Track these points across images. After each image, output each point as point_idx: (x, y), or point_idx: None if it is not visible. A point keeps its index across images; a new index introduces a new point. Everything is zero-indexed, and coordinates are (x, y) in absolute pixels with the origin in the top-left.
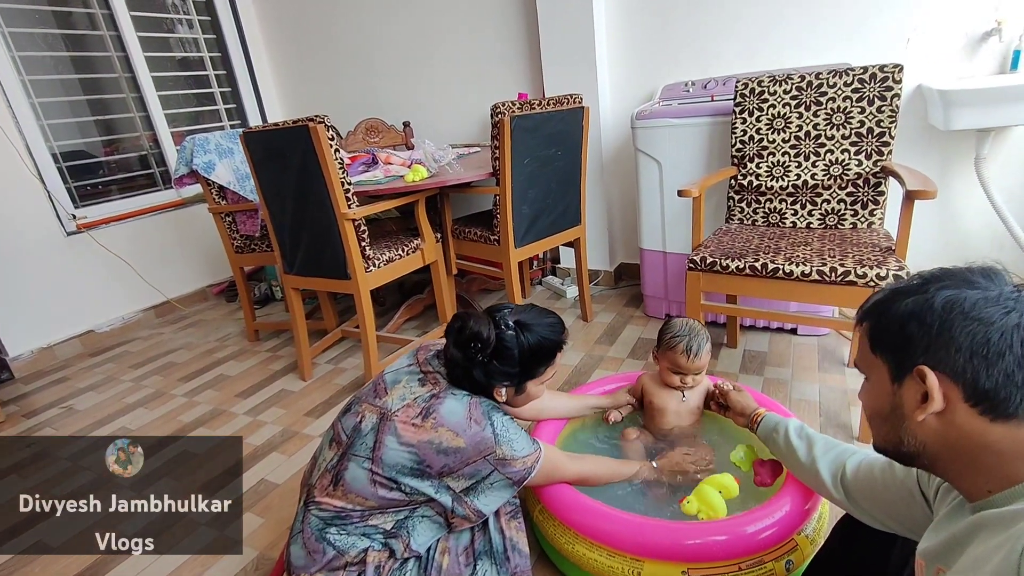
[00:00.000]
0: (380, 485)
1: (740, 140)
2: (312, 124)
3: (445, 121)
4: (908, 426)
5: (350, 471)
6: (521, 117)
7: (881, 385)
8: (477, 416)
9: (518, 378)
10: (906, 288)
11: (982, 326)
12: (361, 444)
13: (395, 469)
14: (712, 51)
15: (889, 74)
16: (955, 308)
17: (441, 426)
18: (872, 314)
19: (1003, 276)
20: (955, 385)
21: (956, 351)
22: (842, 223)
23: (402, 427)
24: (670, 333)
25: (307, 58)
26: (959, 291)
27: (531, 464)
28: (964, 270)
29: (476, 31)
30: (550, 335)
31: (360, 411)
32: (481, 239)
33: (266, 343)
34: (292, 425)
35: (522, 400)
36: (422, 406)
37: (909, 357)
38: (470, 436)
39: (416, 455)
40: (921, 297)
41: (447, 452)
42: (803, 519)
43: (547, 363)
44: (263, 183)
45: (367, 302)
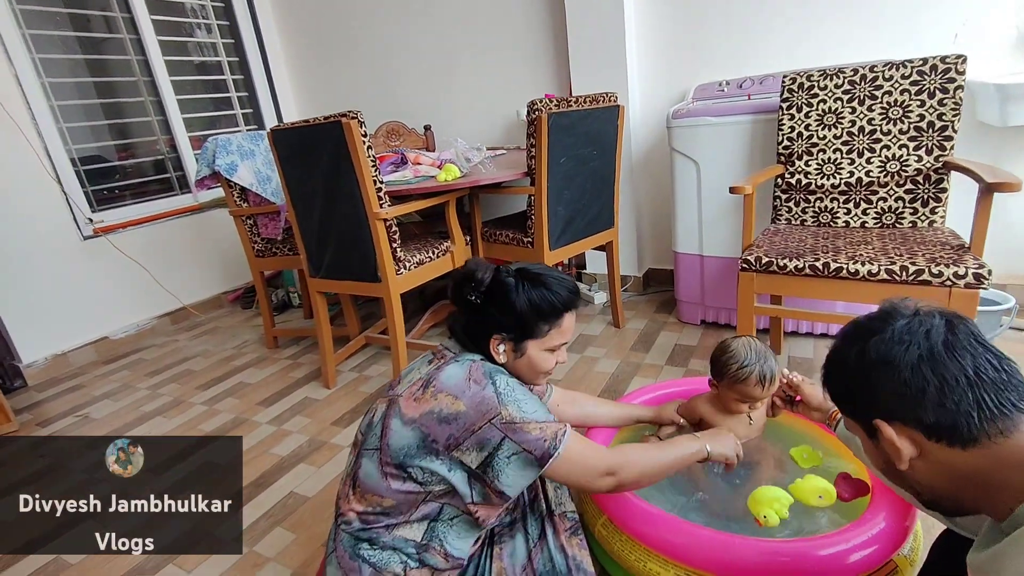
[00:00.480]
0: (391, 477)
1: (787, 137)
2: (345, 120)
3: (468, 124)
4: (907, 476)
5: (363, 468)
6: (559, 115)
7: (867, 444)
8: (477, 376)
9: (515, 332)
10: (835, 348)
11: (892, 369)
12: (372, 437)
13: (402, 453)
14: (748, 50)
15: (952, 65)
16: (866, 360)
17: (440, 392)
18: (823, 382)
19: (899, 310)
20: (910, 428)
21: (887, 398)
22: (900, 222)
23: (405, 405)
24: (737, 363)
25: (325, 62)
26: (864, 342)
27: (552, 435)
28: (865, 318)
29: (499, 32)
30: (554, 287)
31: (375, 407)
32: (514, 241)
33: (285, 350)
34: (319, 435)
35: (525, 367)
36: (424, 379)
37: (862, 414)
38: (469, 397)
39: (419, 431)
40: (843, 355)
41: (448, 420)
42: (903, 537)
43: (549, 321)
44: (290, 183)
45: (398, 306)
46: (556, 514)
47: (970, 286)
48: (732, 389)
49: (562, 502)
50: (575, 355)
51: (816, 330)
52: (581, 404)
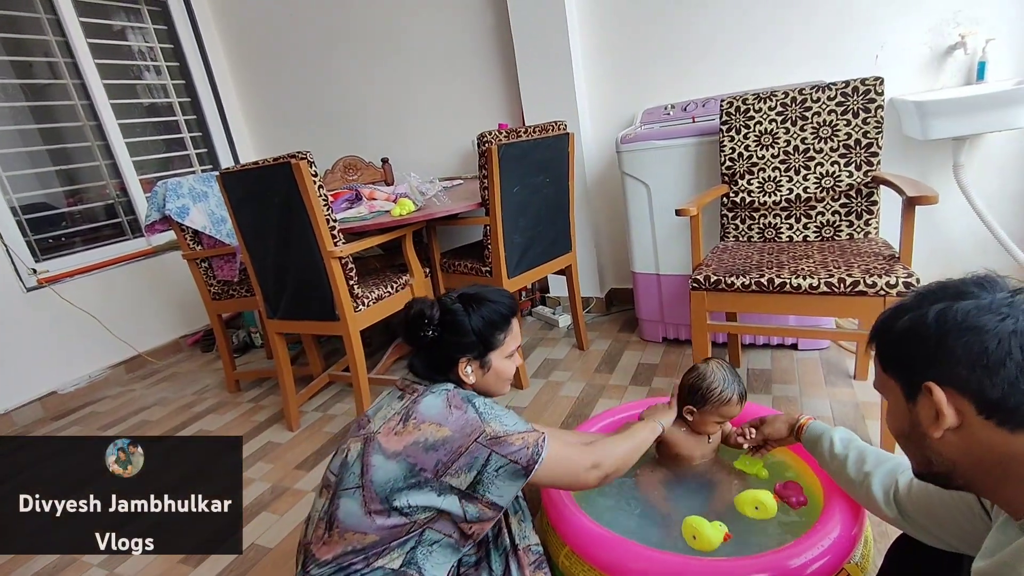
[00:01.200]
0: (376, 513)
1: (729, 158)
2: (295, 161)
3: (424, 155)
4: (931, 444)
5: (342, 508)
6: (508, 145)
7: (897, 405)
8: (457, 402)
9: (478, 349)
10: (904, 305)
11: (977, 335)
12: (349, 476)
13: (388, 488)
14: (689, 74)
15: (871, 86)
16: (948, 320)
17: (423, 423)
18: (876, 335)
19: (998, 283)
20: (964, 399)
21: (956, 363)
22: (838, 234)
23: (385, 441)
24: (718, 387)
25: (280, 99)
26: (951, 303)
27: (534, 442)
28: (958, 282)
29: (451, 65)
30: (496, 298)
31: (346, 447)
32: (472, 271)
33: (248, 393)
34: (282, 480)
35: (493, 380)
36: (401, 415)
37: (916, 374)
38: (453, 421)
39: (406, 462)
40: (916, 313)
41: (435, 447)
42: (853, 545)
43: (502, 329)
44: (242, 225)
45: (357, 343)
46: (520, 548)
47: (901, 295)
48: (715, 412)
49: (526, 535)
50: (540, 380)
51: (772, 341)
52: None
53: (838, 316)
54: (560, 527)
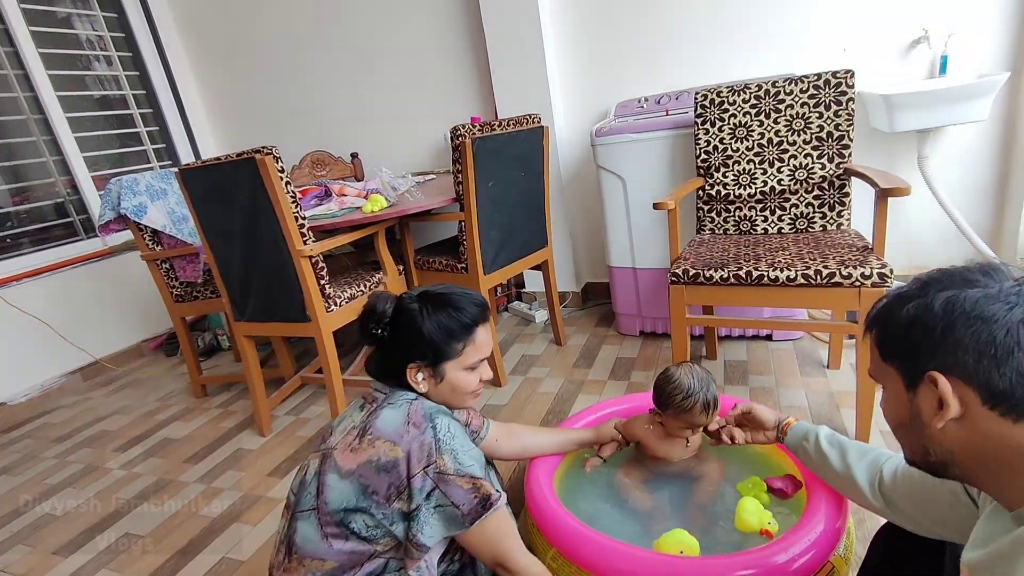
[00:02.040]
0: (332, 537)
1: (704, 151)
2: (260, 156)
3: (395, 149)
4: (930, 434)
5: (300, 532)
6: (483, 139)
7: (897, 394)
8: (417, 419)
9: (429, 356)
10: (907, 293)
11: (985, 324)
12: (306, 497)
13: (342, 510)
14: (662, 67)
15: (842, 79)
16: (956, 308)
17: (378, 439)
18: (877, 322)
19: (1003, 271)
20: (969, 388)
21: (963, 353)
22: (812, 226)
23: (341, 458)
24: (681, 392)
25: (243, 92)
26: (959, 291)
27: (485, 496)
28: (963, 269)
29: (421, 57)
30: (460, 303)
31: (306, 464)
32: (448, 268)
33: (215, 398)
34: (254, 489)
35: (447, 392)
36: (359, 429)
37: (919, 363)
38: (407, 442)
39: (358, 482)
40: (921, 301)
41: (387, 468)
42: (838, 538)
43: (462, 339)
44: (205, 225)
45: (330, 345)
46: None
47: (876, 285)
48: (677, 418)
49: None
50: (519, 377)
51: (748, 333)
52: (519, 437)
53: (814, 307)
54: (546, 529)
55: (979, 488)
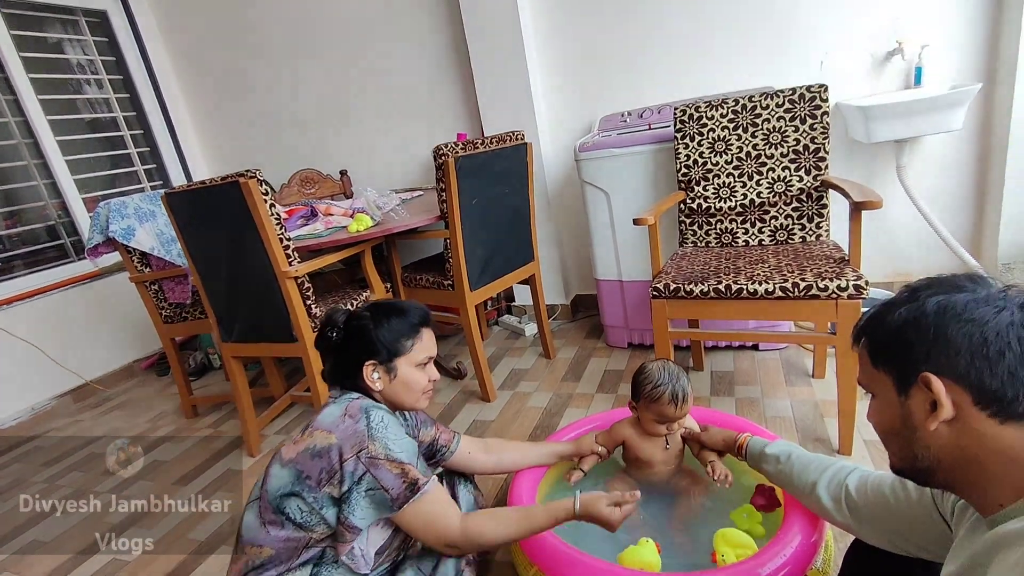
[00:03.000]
0: (270, 524)
1: (685, 165)
2: (243, 180)
3: (384, 167)
4: (920, 438)
5: (245, 521)
6: (466, 157)
7: (887, 399)
8: (353, 411)
9: (383, 353)
10: (897, 299)
11: (977, 326)
12: (253, 489)
13: (278, 494)
14: (644, 81)
15: (816, 93)
16: (948, 311)
17: (316, 430)
18: (868, 329)
19: (988, 280)
20: (962, 389)
21: (956, 354)
22: (791, 238)
23: (285, 449)
24: (650, 383)
25: (232, 113)
26: (949, 295)
27: (412, 480)
28: (950, 277)
29: (407, 75)
30: (405, 307)
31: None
32: (434, 285)
33: (206, 418)
34: (169, 508)
35: (401, 388)
36: (304, 426)
37: (911, 366)
38: (341, 430)
39: (294, 469)
40: (913, 305)
41: (320, 453)
42: (814, 552)
43: (411, 337)
44: (191, 247)
45: (318, 364)
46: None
47: (852, 297)
48: (648, 409)
49: None
50: (508, 392)
51: (734, 343)
52: (497, 451)
53: (794, 319)
54: (527, 546)
55: (960, 495)
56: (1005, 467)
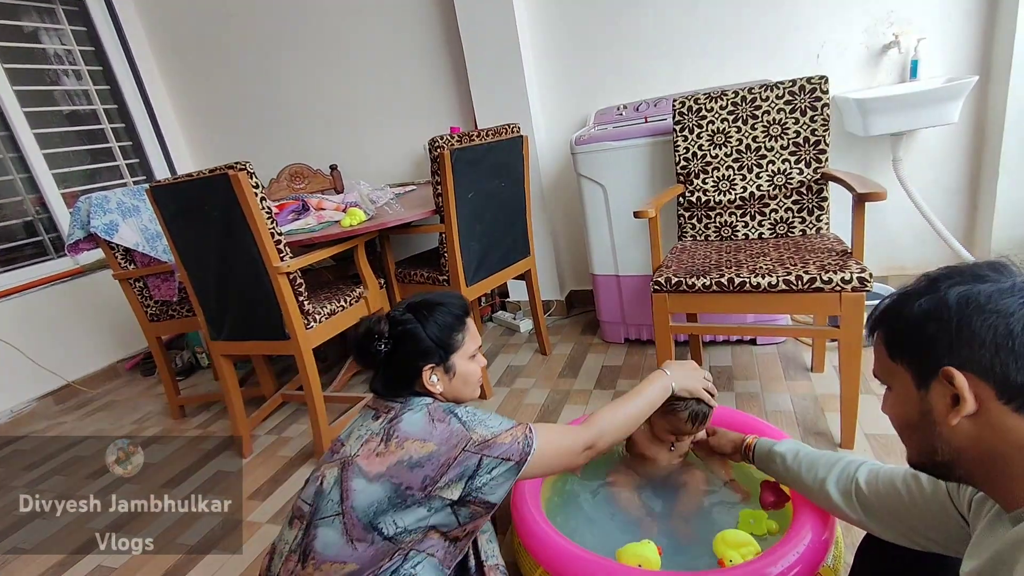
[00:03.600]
0: (358, 540)
1: (684, 157)
2: (233, 172)
3: (375, 161)
4: (940, 432)
5: (320, 538)
6: (462, 150)
7: (906, 393)
8: (439, 415)
9: (439, 354)
10: (915, 290)
11: (1002, 318)
12: (327, 504)
13: (372, 511)
14: (638, 74)
15: (817, 85)
16: (971, 303)
17: (406, 440)
18: (885, 320)
19: (1011, 268)
20: (985, 383)
21: (980, 347)
22: (792, 231)
23: (366, 463)
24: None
25: (218, 105)
26: (971, 286)
27: (522, 436)
28: (971, 266)
29: (400, 68)
30: (446, 300)
31: (319, 475)
32: (429, 280)
33: (194, 419)
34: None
35: (460, 385)
36: (381, 435)
37: (932, 359)
38: (438, 436)
39: (390, 483)
40: (934, 296)
41: (421, 463)
42: (825, 549)
43: (458, 329)
44: (178, 243)
45: (310, 362)
46: (487, 566)
47: (856, 290)
48: (664, 418)
49: (493, 554)
50: (504, 388)
51: (732, 338)
52: None
53: (796, 313)
54: (532, 546)
55: (980, 489)
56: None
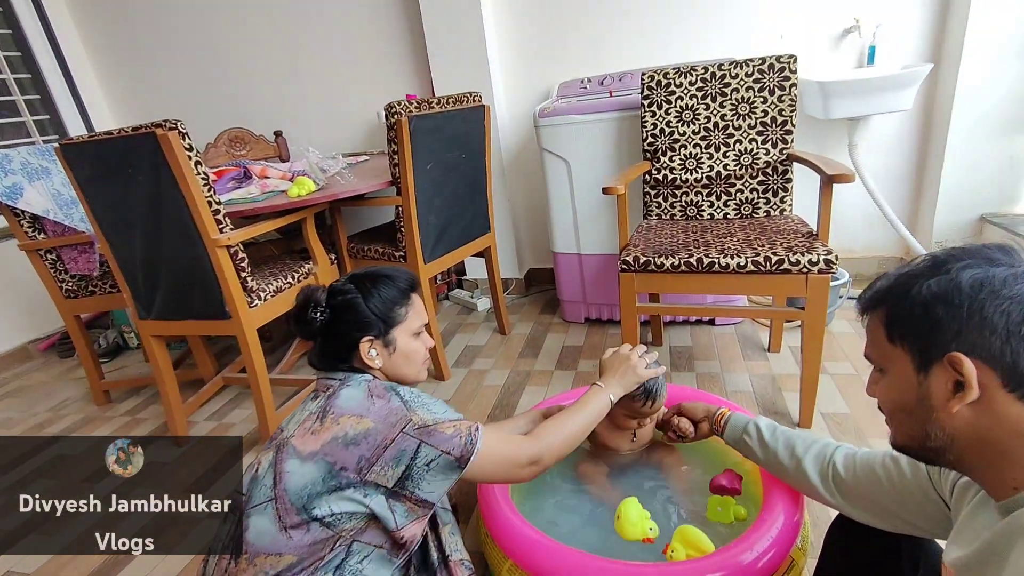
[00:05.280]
0: (292, 528)
1: (651, 134)
2: (161, 131)
3: (323, 129)
4: (937, 418)
5: (253, 527)
6: (420, 117)
7: (903, 376)
8: (379, 391)
9: (380, 326)
10: (921, 270)
11: (1016, 304)
12: (259, 491)
13: (305, 495)
14: (603, 47)
15: (786, 64)
16: (985, 287)
17: (342, 416)
18: (887, 301)
19: (1019, 252)
20: (991, 370)
21: (991, 333)
22: (756, 212)
23: (300, 443)
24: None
25: (145, 59)
26: (984, 269)
27: (467, 431)
28: (981, 247)
29: (351, 29)
30: (391, 273)
31: (255, 462)
32: (384, 256)
33: (122, 404)
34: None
35: (402, 361)
36: (318, 413)
37: (937, 344)
38: (375, 412)
39: (324, 462)
40: (945, 278)
41: (356, 441)
42: (797, 531)
43: (401, 303)
44: (97, 210)
45: (255, 343)
46: (451, 561)
47: (822, 271)
48: (620, 407)
49: (457, 548)
50: (463, 369)
51: (691, 318)
52: None
53: (761, 294)
54: (501, 538)
55: (969, 475)
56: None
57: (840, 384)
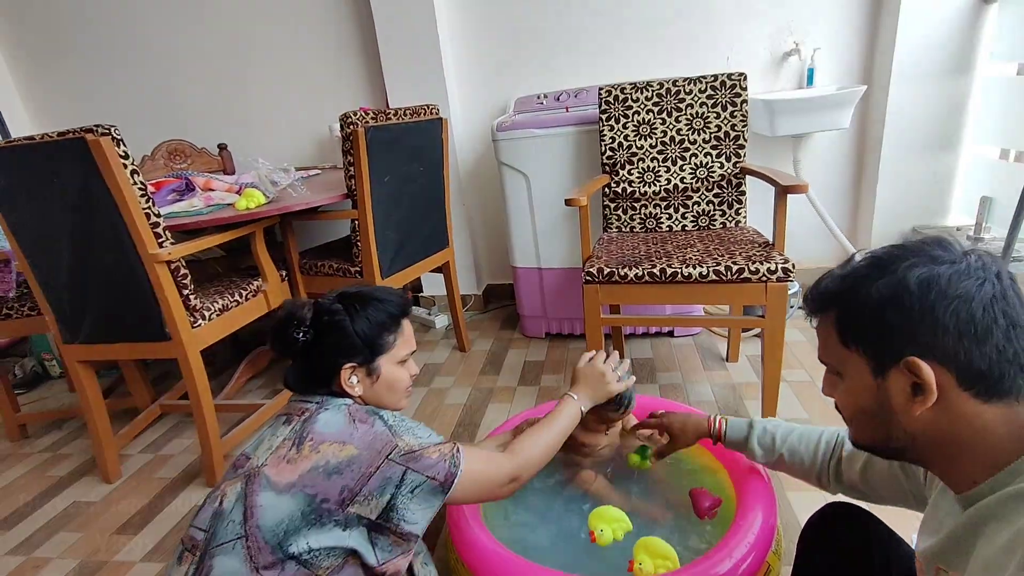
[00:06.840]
0: (264, 568)
1: (610, 147)
2: (92, 136)
3: (272, 142)
4: (897, 420)
5: (218, 569)
6: (377, 128)
7: (861, 380)
8: (361, 416)
9: (364, 353)
10: (862, 271)
11: (964, 303)
12: (226, 527)
13: (281, 530)
14: (559, 64)
15: (736, 81)
16: (933, 287)
17: (322, 443)
18: (838, 303)
19: (954, 245)
20: (946, 370)
21: (944, 334)
22: (713, 223)
23: (275, 473)
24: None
25: (71, 66)
26: (930, 268)
27: (450, 454)
28: (921, 244)
29: (302, 36)
30: (382, 296)
31: (219, 494)
32: (339, 272)
33: (40, 440)
34: (95, 554)
35: (384, 391)
36: (293, 439)
37: (893, 348)
38: (359, 437)
39: (304, 495)
40: (893, 279)
41: (339, 470)
42: (772, 536)
43: (391, 329)
44: (14, 224)
45: (198, 366)
46: None
47: (780, 279)
48: (591, 414)
49: None
50: (422, 388)
51: (651, 330)
52: None
53: (722, 303)
54: (472, 560)
55: (930, 470)
56: (983, 445)
57: (797, 390)
